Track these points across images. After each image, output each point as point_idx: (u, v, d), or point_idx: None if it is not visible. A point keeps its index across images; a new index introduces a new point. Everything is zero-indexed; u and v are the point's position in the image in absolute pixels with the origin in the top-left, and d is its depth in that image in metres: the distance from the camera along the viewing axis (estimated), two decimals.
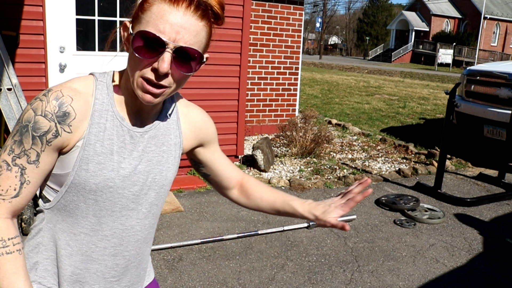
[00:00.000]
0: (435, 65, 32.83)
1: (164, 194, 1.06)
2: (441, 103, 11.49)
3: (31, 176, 0.89)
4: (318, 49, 56.72)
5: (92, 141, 0.91)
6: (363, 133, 7.06)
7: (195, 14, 0.85)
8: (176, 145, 1.05)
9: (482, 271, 2.96)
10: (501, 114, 5.16)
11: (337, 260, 3.01)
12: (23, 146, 0.87)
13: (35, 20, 3.50)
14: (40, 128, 0.86)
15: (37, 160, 0.88)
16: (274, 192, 1.18)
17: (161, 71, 0.84)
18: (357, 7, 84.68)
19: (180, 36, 0.84)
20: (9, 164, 0.87)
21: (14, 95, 3.12)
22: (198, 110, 1.12)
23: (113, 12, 3.88)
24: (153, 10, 0.85)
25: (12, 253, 0.87)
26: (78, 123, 0.89)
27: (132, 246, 1.03)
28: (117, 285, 1.04)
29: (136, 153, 0.97)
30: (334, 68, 28.08)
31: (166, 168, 1.03)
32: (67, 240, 0.96)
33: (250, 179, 1.23)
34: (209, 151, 1.16)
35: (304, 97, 11.41)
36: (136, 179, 0.97)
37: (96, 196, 0.93)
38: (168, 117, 1.04)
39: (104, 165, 0.92)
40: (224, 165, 1.19)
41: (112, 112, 0.94)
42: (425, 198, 4.29)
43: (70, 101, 0.88)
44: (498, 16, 40.04)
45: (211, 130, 1.14)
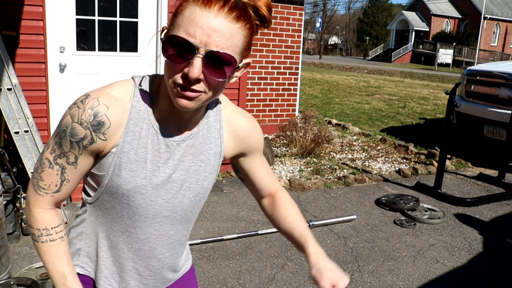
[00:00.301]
0: (435, 65, 32.83)
1: (200, 201, 1.06)
2: (441, 103, 11.49)
3: (70, 175, 0.94)
4: (318, 49, 56.71)
5: (126, 148, 0.92)
6: (363, 133, 7.06)
7: (229, 15, 0.80)
8: (216, 154, 1.03)
9: (482, 271, 2.96)
10: (501, 114, 5.16)
11: (337, 260, 3.01)
12: (62, 148, 0.91)
13: (35, 20, 3.50)
14: (77, 135, 0.89)
15: (76, 162, 0.92)
16: (298, 220, 1.14)
17: (191, 77, 0.80)
18: (357, 7, 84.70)
19: (212, 39, 0.79)
20: (51, 163, 0.92)
21: (14, 95, 3.12)
22: (244, 119, 1.07)
23: (113, 12, 3.88)
24: (185, 13, 0.81)
25: (55, 240, 0.95)
26: (112, 132, 0.90)
27: (166, 248, 1.05)
28: (153, 281, 1.08)
29: (171, 162, 0.96)
30: (334, 68, 28.08)
31: (203, 177, 1.02)
32: (107, 234, 1.01)
33: (284, 195, 1.19)
34: (249, 161, 1.13)
35: (304, 97, 11.41)
36: (169, 187, 0.97)
37: (128, 201, 0.95)
38: (209, 126, 1.01)
39: (136, 173, 0.93)
40: (261, 176, 1.16)
41: (149, 121, 0.93)
42: (425, 198, 4.29)
43: (105, 110, 0.89)
44: (498, 16, 40.03)
45: (254, 140, 1.09)
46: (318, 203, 4.01)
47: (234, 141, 1.06)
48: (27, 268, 2.62)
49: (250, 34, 0.86)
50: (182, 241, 1.09)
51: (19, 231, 3.04)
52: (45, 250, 0.96)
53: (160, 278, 1.09)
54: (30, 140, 3.15)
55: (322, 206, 3.94)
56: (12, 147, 3.26)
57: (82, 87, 3.86)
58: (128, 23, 3.95)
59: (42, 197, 0.95)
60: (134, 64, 4.03)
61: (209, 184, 1.04)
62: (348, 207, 3.96)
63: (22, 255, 2.82)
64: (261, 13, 0.86)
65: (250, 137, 1.08)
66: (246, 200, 3.93)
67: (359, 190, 4.45)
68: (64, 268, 0.96)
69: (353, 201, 4.13)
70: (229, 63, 0.82)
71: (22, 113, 3.15)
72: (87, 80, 3.87)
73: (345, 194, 4.28)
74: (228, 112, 1.05)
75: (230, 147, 1.06)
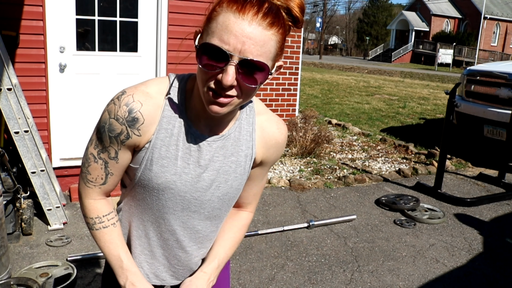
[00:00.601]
0: (435, 65, 32.83)
1: (229, 200, 1.07)
2: (441, 103, 11.49)
3: (113, 169, 0.99)
4: (318, 49, 56.71)
5: (158, 145, 0.95)
6: (363, 133, 7.06)
7: (263, 22, 0.80)
8: (247, 156, 1.04)
9: (482, 271, 2.96)
10: (501, 114, 5.16)
11: (337, 260, 3.01)
12: (103, 143, 0.96)
13: (35, 20, 3.50)
14: (114, 130, 0.93)
15: (116, 157, 0.97)
16: (226, 240, 1.14)
17: (225, 84, 0.81)
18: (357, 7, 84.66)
19: (246, 47, 0.80)
20: (96, 157, 0.98)
21: (14, 95, 3.12)
22: (276, 130, 1.06)
23: (113, 12, 3.88)
24: (219, 20, 0.81)
25: (107, 227, 1.02)
26: (146, 127, 0.94)
27: (194, 242, 1.08)
28: (182, 271, 1.12)
29: (202, 161, 0.98)
30: (334, 68, 28.08)
31: (233, 178, 1.03)
32: (138, 224, 1.06)
33: (245, 220, 1.18)
34: (257, 171, 1.11)
35: (304, 97, 11.41)
36: (199, 186, 1.00)
37: (158, 194, 0.99)
38: (241, 128, 1.02)
39: (167, 169, 0.96)
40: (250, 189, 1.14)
41: (181, 119, 0.95)
42: (425, 198, 4.28)
43: (140, 107, 0.92)
44: (498, 16, 40.03)
45: (277, 153, 1.09)
46: (318, 203, 4.01)
47: (263, 147, 1.06)
48: (27, 268, 2.62)
49: (283, 38, 0.86)
50: (211, 237, 1.11)
51: (19, 231, 3.04)
52: (100, 236, 1.02)
53: (189, 270, 1.13)
54: (30, 140, 3.15)
55: (322, 206, 3.94)
56: (12, 147, 3.26)
57: (82, 87, 3.86)
58: (128, 23, 3.95)
59: (91, 189, 1.01)
60: (134, 64, 4.03)
61: (239, 184, 1.05)
62: (348, 207, 3.96)
63: (22, 255, 2.82)
64: (294, 14, 0.87)
65: (275, 148, 1.08)
66: None
67: (359, 190, 4.45)
68: (119, 252, 1.03)
69: (353, 201, 4.13)
70: (262, 70, 0.83)
71: (22, 113, 3.14)
72: (87, 80, 3.87)
73: (345, 194, 4.28)
74: (263, 119, 1.05)
75: (259, 152, 1.07)
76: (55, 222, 3.21)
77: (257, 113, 1.05)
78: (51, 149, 3.75)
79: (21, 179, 3.22)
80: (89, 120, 3.95)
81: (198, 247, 1.10)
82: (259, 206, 3.79)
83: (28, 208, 3.05)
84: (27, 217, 3.03)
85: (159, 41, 3.99)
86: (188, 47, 4.07)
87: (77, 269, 2.64)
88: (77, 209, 3.53)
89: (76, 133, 3.92)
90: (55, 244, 2.96)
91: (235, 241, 1.15)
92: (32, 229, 3.08)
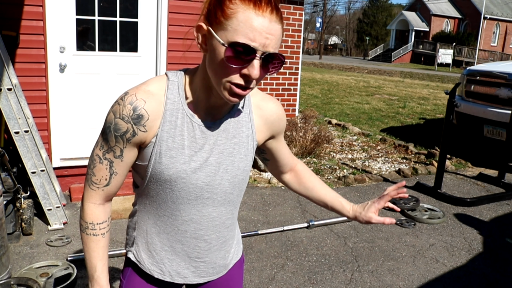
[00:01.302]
0: (435, 65, 32.82)
1: (239, 183, 1.12)
2: (441, 103, 11.49)
3: (118, 168, 1.03)
4: (318, 49, 56.70)
5: (164, 137, 1.00)
6: (363, 133, 7.06)
7: (277, 17, 0.89)
8: (249, 137, 1.10)
9: (482, 271, 2.96)
10: (501, 114, 5.17)
11: (337, 260, 3.01)
12: (109, 143, 1.01)
13: (35, 20, 3.50)
14: (120, 129, 0.98)
15: (121, 155, 1.02)
16: (325, 187, 1.31)
17: (254, 77, 0.89)
18: (357, 7, 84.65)
19: (269, 41, 0.88)
20: (101, 158, 1.03)
21: (14, 95, 3.12)
22: (273, 104, 1.15)
23: (113, 12, 3.88)
24: (240, 18, 0.87)
25: (97, 235, 1.07)
26: (151, 123, 0.99)
27: (212, 230, 1.12)
28: (202, 264, 1.15)
29: (207, 146, 1.04)
30: (334, 68, 28.07)
31: (238, 159, 1.09)
32: (154, 221, 1.10)
33: (305, 168, 1.33)
34: (277, 142, 1.22)
35: (304, 97, 11.41)
36: (208, 171, 1.05)
37: (171, 186, 1.03)
38: (239, 111, 1.08)
39: (176, 159, 1.01)
40: (284, 153, 1.27)
41: (183, 110, 1.01)
42: (425, 198, 4.29)
43: (143, 104, 0.97)
44: (498, 16, 40.03)
45: (283, 123, 1.19)
46: None
47: (265, 124, 1.14)
48: (27, 268, 2.62)
49: None
50: (228, 224, 1.15)
51: (19, 231, 3.04)
52: (87, 241, 1.08)
53: (210, 263, 1.16)
54: (30, 140, 3.15)
55: None
56: (12, 147, 3.26)
57: (82, 87, 3.86)
58: (128, 23, 3.95)
59: (94, 191, 1.06)
60: (134, 64, 4.03)
61: (245, 166, 1.11)
62: None
63: (22, 255, 2.82)
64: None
65: (279, 120, 1.17)
66: (246, 200, 3.93)
67: (359, 190, 4.45)
68: (97, 262, 1.08)
69: (353, 201, 4.13)
70: (279, 60, 0.92)
71: (22, 113, 3.15)
72: (87, 80, 3.87)
73: (345, 194, 4.28)
74: (257, 99, 1.13)
75: (262, 130, 1.14)
76: (55, 222, 3.21)
77: (251, 95, 1.12)
78: (51, 149, 3.75)
79: (21, 179, 3.22)
80: (89, 120, 3.95)
81: (217, 236, 1.13)
82: (259, 206, 3.79)
83: (28, 208, 3.05)
84: (27, 217, 3.03)
85: (159, 41, 3.99)
86: (187, 47, 4.07)
87: (77, 269, 2.64)
88: (77, 209, 3.53)
89: (76, 133, 3.92)
90: (55, 244, 2.96)
91: (321, 181, 1.32)
92: (32, 229, 3.08)
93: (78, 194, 3.72)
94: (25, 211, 3.03)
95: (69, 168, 3.87)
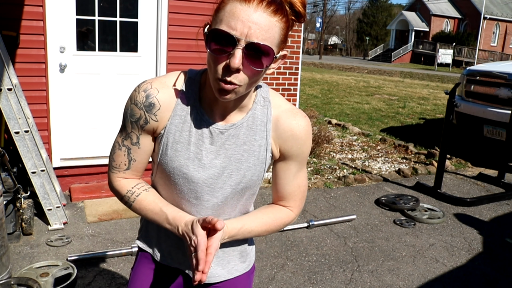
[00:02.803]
0: (435, 65, 32.83)
1: (242, 191, 1.07)
2: (441, 103, 11.49)
3: (136, 155, 1.06)
4: (318, 49, 56.69)
5: (172, 130, 1.01)
6: (363, 133, 7.06)
7: (268, 9, 0.86)
8: (261, 146, 1.05)
9: (482, 271, 2.96)
10: (500, 114, 5.17)
11: (337, 260, 3.01)
12: (126, 130, 1.04)
13: (35, 20, 3.50)
14: (134, 115, 1.01)
15: (138, 142, 1.04)
16: (256, 215, 1.11)
17: (232, 67, 0.85)
18: (357, 7, 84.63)
19: (252, 31, 0.84)
20: (120, 145, 1.06)
21: (14, 95, 3.12)
22: (293, 121, 1.04)
23: (113, 12, 3.88)
24: (226, 9, 0.87)
25: (140, 194, 1.06)
26: (162, 113, 1.00)
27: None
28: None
29: (214, 147, 1.03)
30: (334, 68, 28.07)
31: (245, 167, 1.04)
32: None
33: (280, 209, 1.13)
34: (282, 166, 1.09)
35: (304, 97, 11.41)
36: (211, 172, 1.03)
37: (174, 179, 1.04)
38: (254, 118, 1.04)
39: (180, 153, 1.02)
40: (283, 186, 1.10)
41: (195, 107, 1.01)
42: (425, 198, 4.29)
43: (156, 93, 0.99)
44: (498, 16, 40.03)
45: (296, 147, 1.05)
46: (318, 203, 4.01)
47: (278, 139, 1.06)
48: (27, 268, 2.62)
49: (287, 27, 0.91)
50: None
51: (19, 231, 3.04)
52: (138, 207, 1.06)
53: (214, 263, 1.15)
54: (30, 140, 3.15)
55: (322, 206, 3.94)
56: (12, 147, 3.26)
57: (82, 87, 3.86)
58: (128, 23, 3.95)
59: (115, 174, 1.08)
60: (134, 64, 4.04)
61: (253, 175, 1.06)
62: (348, 207, 3.97)
63: (22, 255, 2.82)
64: (296, 9, 0.91)
65: (293, 141, 1.05)
66: None
67: (359, 190, 4.45)
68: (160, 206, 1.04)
69: (353, 201, 4.13)
70: (267, 54, 0.87)
71: (22, 113, 3.15)
72: (87, 80, 3.87)
73: (345, 194, 4.29)
74: (280, 110, 1.05)
75: (275, 144, 1.07)
76: (55, 222, 3.21)
77: (275, 106, 1.06)
78: (51, 149, 3.75)
79: (22, 179, 3.22)
80: (89, 120, 3.95)
81: None
82: (259, 206, 3.78)
83: (28, 208, 3.05)
84: (28, 217, 3.03)
85: (159, 41, 3.99)
86: (188, 47, 4.07)
87: (77, 269, 2.64)
88: (77, 209, 3.53)
89: (76, 133, 3.92)
90: (55, 244, 2.97)
91: (264, 224, 1.09)
92: (32, 229, 3.08)
93: (78, 194, 3.73)
94: (25, 211, 3.03)
95: (69, 168, 3.87)
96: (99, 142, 4.03)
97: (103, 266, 2.75)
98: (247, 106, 1.03)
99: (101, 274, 2.65)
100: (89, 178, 3.97)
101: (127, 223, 3.36)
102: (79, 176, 3.93)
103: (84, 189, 3.82)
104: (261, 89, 1.06)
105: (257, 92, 1.05)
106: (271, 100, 1.06)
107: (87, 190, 3.82)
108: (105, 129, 4.03)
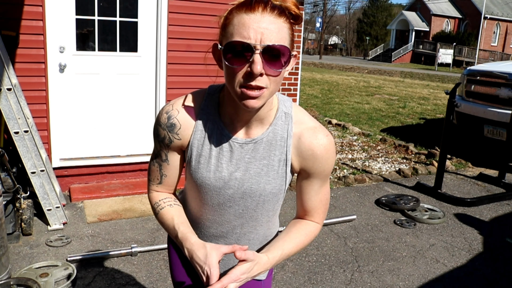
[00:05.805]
0: (435, 65, 32.82)
1: (264, 203, 1.11)
2: (441, 103, 11.49)
3: (166, 171, 1.14)
4: (318, 49, 56.69)
5: (195, 144, 1.08)
6: (363, 133, 7.05)
7: (272, 13, 0.90)
8: (281, 161, 1.07)
9: (482, 271, 2.95)
10: (501, 114, 5.16)
11: (337, 260, 3.00)
12: (156, 148, 1.13)
13: (35, 20, 3.50)
14: (160, 135, 1.10)
15: (167, 159, 1.12)
16: (285, 238, 1.13)
17: (256, 72, 0.88)
18: (357, 7, 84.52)
19: (265, 36, 0.89)
20: (153, 161, 1.16)
21: (14, 95, 3.12)
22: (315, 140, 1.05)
23: (113, 12, 3.88)
24: (234, 22, 0.91)
25: (164, 208, 1.14)
26: (184, 132, 1.07)
27: (232, 237, 1.17)
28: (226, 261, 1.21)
29: (234, 160, 1.07)
30: (334, 68, 28.07)
31: (265, 181, 1.07)
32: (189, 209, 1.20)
33: (308, 223, 1.16)
34: (305, 182, 1.12)
35: (304, 97, 11.40)
36: (232, 184, 1.08)
37: (197, 189, 1.11)
38: (275, 134, 1.06)
39: (202, 165, 1.08)
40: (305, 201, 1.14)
41: (215, 122, 1.06)
42: (425, 198, 4.28)
43: (176, 114, 1.07)
44: (498, 16, 40.02)
45: (317, 166, 1.07)
46: None
47: (299, 156, 1.08)
48: (27, 268, 2.61)
49: (291, 28, 0.95)
50: (249, 237, 1.17)
51: (19, 231, 3.04)
52: (160, 218, 1.14)
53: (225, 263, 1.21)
54: (30, 140, 3.14)
55: None
56: (12, 147, 3.26)
57: (82, 87, 3.86)
58: (128, 23, 3.94)
59: (150, 186, 1.19)
60: (134, 64, 4.03)
61: (273, 188, 1.08)
62: (348, 207, 3.96)
63: (22, 255, 2.81)
64: (292, 12, 0.95)
65: (313, 160, 1.07)
66: None
67: (359, 190, 4.44)
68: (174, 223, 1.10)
69: (353, 201, 4.12)
70: (284, 53, 0.91)
71: (22, 113, 3.14)
72: (87, 80, 3.87)
73: (345, 194, 4.28)
74: (303, 128, 1.07)
75: (295, 160, 1.08)
76: (55, 222, 3.21)
77: (298, 122, 1.07)
78: (51, 149, 3.75)
79: (21, 179, 3.22)
80: (89, 120, 3.94)
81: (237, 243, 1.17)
82: None
83: (28, 208, 3.05)
84: (27, 217, 3.03)
85: (159, 41, 3.99)
86: (188, 47, 4.06)
87: (77, 269, 2.64)
88: (77, 209, 3.53)
89: (76, 133, 3.92)
90: (55, 244, 2.96)
91: (299, 244, 1.12)
92: (32, 229, 3.08)
93: (78, 194, 3.72)
94: (24, 211, 3.03)
95: (69, 168, 3.87)
96: (99, 142, 4.02)
97: (103, 266, 2.75)
98: (268, 119, 1.05)
99: (101, 275, 2.65)
100: (88, 178, 3.97)
101: (127, 223, 3.36)
102: (79, 176, 3.93)
103: (84, 189, 3.82)
104: (284, 104, 1.08)
105: (279, 107, 1.06)
106: (294, 115, 1.08)
107: (86, 190, 3.81)
108: (105, 129, 4.03)
